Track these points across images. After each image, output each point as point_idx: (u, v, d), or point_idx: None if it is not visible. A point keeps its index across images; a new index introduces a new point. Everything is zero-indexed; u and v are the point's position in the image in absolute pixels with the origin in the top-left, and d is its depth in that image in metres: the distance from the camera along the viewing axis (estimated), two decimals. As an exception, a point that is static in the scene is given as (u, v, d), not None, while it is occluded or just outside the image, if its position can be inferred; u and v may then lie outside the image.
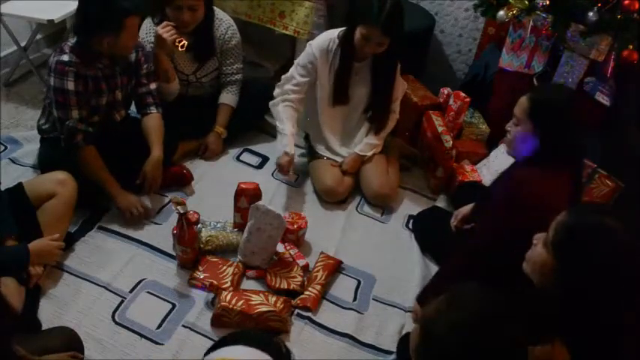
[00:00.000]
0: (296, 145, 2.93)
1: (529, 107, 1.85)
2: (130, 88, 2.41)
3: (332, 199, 2.64)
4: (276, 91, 2.71)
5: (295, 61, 2.63)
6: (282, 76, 2.71)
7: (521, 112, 1.86)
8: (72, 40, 2.19)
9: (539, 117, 1.83)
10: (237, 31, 2.72)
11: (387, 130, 2.74)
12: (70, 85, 2.15)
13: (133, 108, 2.53)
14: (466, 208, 2.35)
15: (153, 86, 2.46)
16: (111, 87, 2.30)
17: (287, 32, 3.01)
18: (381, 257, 2.41)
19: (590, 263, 1.29)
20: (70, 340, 1.73)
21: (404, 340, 1.98)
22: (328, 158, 2.72)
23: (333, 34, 2.54)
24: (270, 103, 2.68)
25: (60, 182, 2.09)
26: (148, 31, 2.55)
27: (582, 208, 1.68)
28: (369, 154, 2.69)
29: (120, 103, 2.39)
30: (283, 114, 2.59)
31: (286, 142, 2.54)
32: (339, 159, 2.72)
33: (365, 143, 2.70)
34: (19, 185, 2.04)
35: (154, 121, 2.44)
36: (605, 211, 1.42)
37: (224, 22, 2.68)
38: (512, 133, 1.91)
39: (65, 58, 2.14)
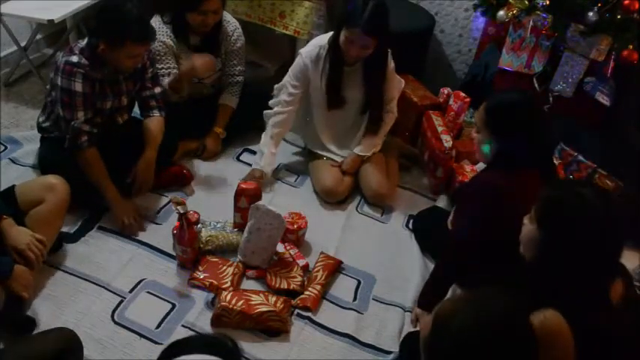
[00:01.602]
0: (296, 145, 2.95)
1: (485, 116, 1.93)
2: (135, 92, 2.41)
3: (332, 199, 2.64)
4: (272, 101, 2.71)
5: (289, 70, 2.63)
6: (275, 86, 2.71)
7: (479, 120, 1.96)
8: (82, 42, 2.19)
9: (494, 125, 1.91)
10: (242, 33, 2.73)
11: (386, 129, 2.73)
12: (78, 87, 2.15)
13: (135, 109, 2.52)
14: None
15: (157, 90, 2.45)
16: (116, 92, 2.31)
17: (287, 32, 3.01)
18: (381, 257, 2.41)
19: (569, 228, 1.40)
20: (69, 341, 1.72)
21: (406, 341, 1.99)
22: (328, 158, 2.72)
23: (323, 40, 2.53)
24: (265, 113, 2.71)
25: (49, 188, 2.03)
26: (158, 28, 2.52)
27: (560, 182, 1.91)
28: (369, 154, 2.69)
29: (124, 107, 2.39)
30: (270, 131, 2.64)
31: (263, 162, 2.59)
32: (338, 159, 2.72)
33: (364, 144, 2.69)
34: (11, 188, 2.02)
35: (154, 124, 2.43)
36: (580, 184, 1.62)
37: (230, 24, 2.69)
38: (475, 140, 2.00)
39: (74, 59, 2.14)
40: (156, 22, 2.54)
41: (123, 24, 2.08)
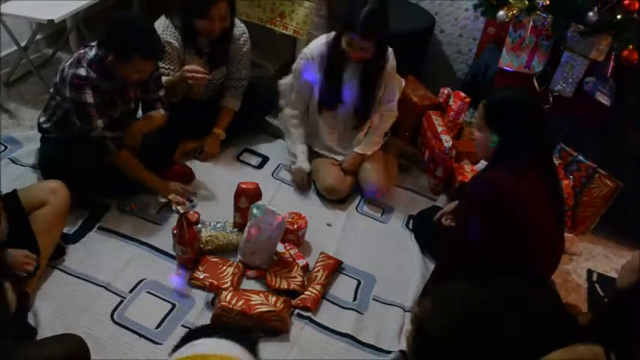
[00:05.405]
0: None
1: (485, 114, 1.93)
2: (140, 96, 2.42)
3: (334, 197, 2.65)
4: (282, 102, 2.73)
5: (293, 67, 2.64)
6: (281, 83, 2.72)
7: (480, 118, 1.95)
8: (90, 53, 2.18)
9: (494, 123, 1.91)
10: (248, 38, 2.73)
11: (386, 127, 2.73)
12: (89, 98, 2.15)
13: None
14: (450, 206, 2.38)
15: (161, 92, 2.45)
16: (125, 100, 2.32)
17: (287, 32, 3.01)
18: (381, 257, 2.41)
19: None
20: (76, 348, 1.71)
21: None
22: (331, 157, 2.72)
23: (328, 38, 2.54)
24: (282, 115, 2.75)
25: (52, 191, 2.06)
26: (165, 28, 2.53)
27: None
28: (369, 152, 2.69)
29: (132, 111, 2.41)
30: (294, 135, 2.71)
31: (300, 161, 2.66)
32: (339, 157, 2.72)
33: (365, 142, 2.70)
34: (13, 192, 2.02)
35: (156, 112, 2.42)
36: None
37: (239, 28, 2.69)
38: (476, 139, 1.99)
39: (82, 72, 2.14)
40: (166, 23, 2.54)
41: (133, 39, 2.10)
